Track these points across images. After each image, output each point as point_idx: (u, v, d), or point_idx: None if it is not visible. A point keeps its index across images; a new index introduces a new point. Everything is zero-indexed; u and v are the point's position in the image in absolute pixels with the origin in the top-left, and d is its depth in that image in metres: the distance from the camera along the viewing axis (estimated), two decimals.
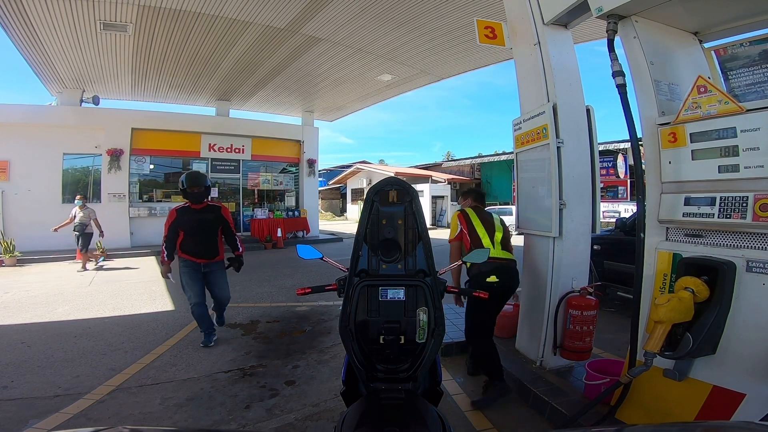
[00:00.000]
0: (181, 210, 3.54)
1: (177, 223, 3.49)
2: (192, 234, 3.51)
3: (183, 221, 3.50)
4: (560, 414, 2.29)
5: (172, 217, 3.51)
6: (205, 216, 3.56)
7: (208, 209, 3.61)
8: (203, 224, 3.55)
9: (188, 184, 3.49)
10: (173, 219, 3.49)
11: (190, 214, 3.51)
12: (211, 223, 3.60)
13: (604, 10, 2.06)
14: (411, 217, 1.35)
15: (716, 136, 1.76)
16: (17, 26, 6.80)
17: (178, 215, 3.51)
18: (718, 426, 0.53)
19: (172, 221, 3.49)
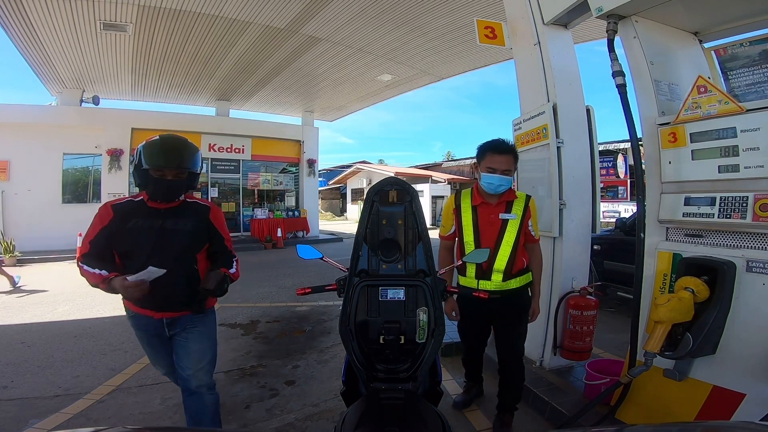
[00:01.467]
0: (124, 209, 1.69)
1: (110, 233, 1.65)
2: (142, 258, 1.60)
3: (125, 232, 1.65)
4: (560, 414, 2.29)
5: (103, 219, 1.67)
6: (178, 224, 1.71)
7: (184, 211, 1.75)
8: (170, 240, 1.68)
9: (157, 159, 1.64)
10: (104, 224, 1.66)
11: (145, 218, 1.68)
12: (187, 237, 1.72)
13: (604, 10, 2.06)
14: (411, 217, 1.35)
15: (716, 136, 1.76)
16: (17, 26, 6.80)
17: (115, 217, 1.67)
18: (718, 426, 0.53)
19: (101, 228, 1.67)
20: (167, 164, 1.62)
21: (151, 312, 1.71)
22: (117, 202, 1.71)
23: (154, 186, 1.65)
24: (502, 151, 2.00)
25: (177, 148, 1.68)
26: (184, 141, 1.72)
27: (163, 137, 1.69)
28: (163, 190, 1.66)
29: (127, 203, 1.72)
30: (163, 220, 1.68)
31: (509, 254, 2.02)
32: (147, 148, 1.64)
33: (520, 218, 2.03)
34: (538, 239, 2.16)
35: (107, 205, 1.70)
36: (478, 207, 2.09)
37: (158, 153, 1.63)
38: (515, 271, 2.06)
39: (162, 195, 1.67)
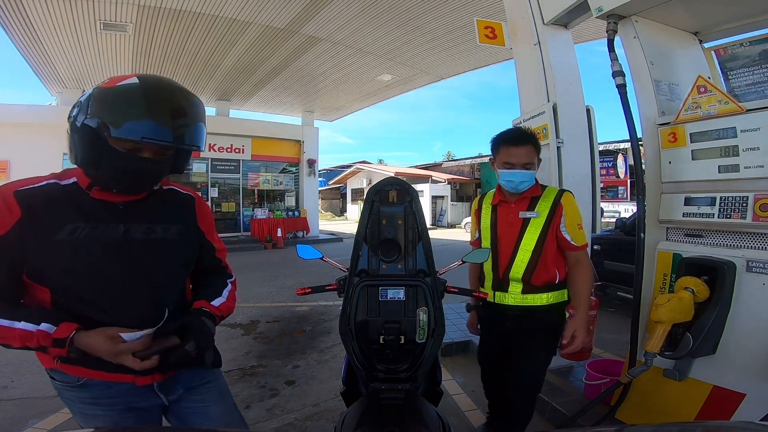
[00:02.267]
0: (43, 201, 0.91)
1: (16, 249, 0.88)
2: (99, 296, 0.92)
3: (51, 248, 0.89)
4: (560, 414, 2.29)
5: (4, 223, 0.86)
6: (154, 230, 1.01)
7: (160, 207, 1.04)
8: (145, 259, 0.98)
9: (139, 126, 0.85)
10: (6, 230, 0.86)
11: (89, 221, 0.93)
12: (173, 252, 1.04)
13: (604, 10, 2.06)
14: (411, 217, 1.35)
15: (716, 136, 1.76)
16: (17, 26, 6.81)
17: (24, 217, 0.88)
18: (718, 426, 0.53)
19: None
20: (161, 137, 0.85)
21: (127, 376, 0.95)
22: (23, 188, 0.89)
23: (118, 169, 0.89)
24: (520, 142, 1.68)
25: (179, 106, 0.89)
26: (185, 92, 0.93)
27: (148, 81, 0.89)
28: (134, 176, 0.91)
29: (45, 190, 0.91)
30: (125, 225, 0.95)
31: (528, 260, 1.68)
32: (113, 97, 0.85)
33: (545, 216, 1.69)
34: (579, 246, 1.70)
35: (8, 191, 0.88)
36: (498, 206, 1.80)
37: (142, 112, 0.84)
38: (541, 283, 1.70)
39: (132, 184, 0.93)
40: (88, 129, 0.87)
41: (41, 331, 0.84)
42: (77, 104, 0.90)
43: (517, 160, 1.66)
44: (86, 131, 0.87)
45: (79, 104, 0.90)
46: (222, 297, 1.13)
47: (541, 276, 1.69)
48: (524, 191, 1.72)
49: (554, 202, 1.70)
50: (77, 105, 0.90)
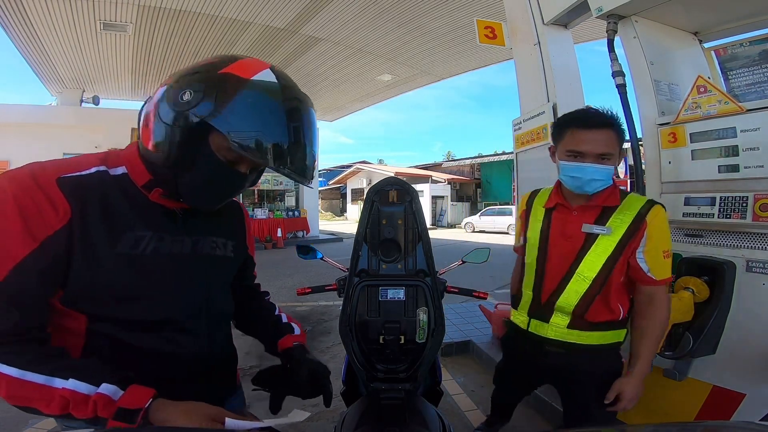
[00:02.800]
0: (98, 197, 0.67)
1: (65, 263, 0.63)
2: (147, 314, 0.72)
3: (112, 259, 0.67)
4: (560, 414, 2.29)
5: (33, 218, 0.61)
6: (216, 244, 0.85)
7: (221, 216, 0.88)
8: (207, 280, 0.81)
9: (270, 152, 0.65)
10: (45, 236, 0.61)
11: (149, 229, 0.72)
12: (229, 269, 0.92)
13: (604, 10, 2.06)
14: (411, 217, 1.35)
15: (716, 136, 1.76)
16: (17, 26, 6.81)
17: (76, 218, 0.64)
18: (718, 426, 0.52)
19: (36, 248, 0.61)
20: (291, 166, 0.68)
21: None
22: (69, 174, 0.67)
23: (211, 180, 0.71)
24: (595, 125, 1.22)
25: (312, 129, 0.72)
26: (312, 109, 0.74)
27: (288, 83, 0.70)
28: (223, 190, 0.76)
29: (96, 180, 0.69)
30: (191, 237, 0.79)
31: (585, 291, 1.27)
32: (248, 96, 0.65)
33: (619, 236, 1.24)
34: (659, 281, 1.28)
35: (48, 178, 0.64)
36: (553, 211, 1.37)
37: (280, 129, 0.66)
38: (597, 320, 1.29)
39: (214, 199, 0.77)
40: (198, 124, 0.64)
41: (102, 396, 0.57)
42: (194, 87, 0.64)
43: (590, 148, 1.21)
44: (193, 125, 0.64)
45: (199, 89, 0.64)
46: (293, 324, 1.07)
47: (600, 312, 1.29)
48: (594, 195, 1.27)
49: (637, 217, 1.24)
50: (194, 89, 0.64)
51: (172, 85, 0.67)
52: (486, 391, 2.77)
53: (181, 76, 0.68)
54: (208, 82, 0.65)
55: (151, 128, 0.69)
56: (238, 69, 0.67)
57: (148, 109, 0.71)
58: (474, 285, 1.68)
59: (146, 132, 0.70)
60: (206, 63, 0.70)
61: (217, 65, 0.68)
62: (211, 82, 0.65)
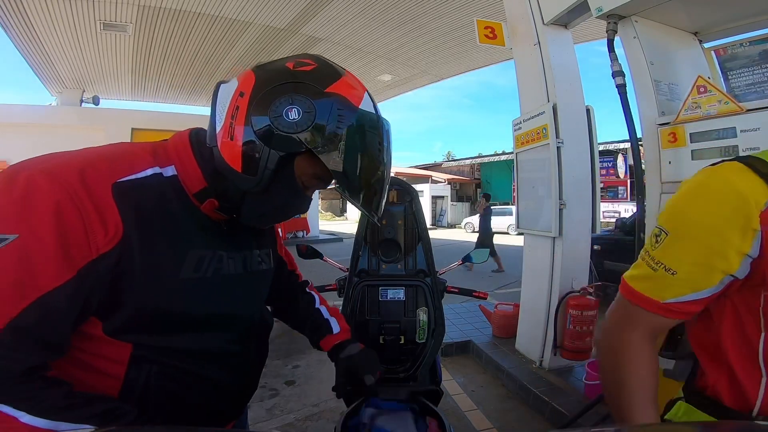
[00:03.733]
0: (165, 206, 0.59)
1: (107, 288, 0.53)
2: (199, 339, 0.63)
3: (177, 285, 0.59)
4: (560, 414, 2.29)
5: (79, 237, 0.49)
6: (261, 258, 0.77)
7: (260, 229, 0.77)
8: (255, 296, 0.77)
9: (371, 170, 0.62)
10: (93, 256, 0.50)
11: (215, 247, 0.65)
12: (268, 282, 0.83)
13: (604, 10, 2.06)
14: (411, 217, 1.35)
15: (716, 136, 1.76)
16: (17, 26, 6.81)
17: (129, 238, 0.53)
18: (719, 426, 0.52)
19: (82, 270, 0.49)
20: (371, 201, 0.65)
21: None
22: (126, 179, 0.55)
23: (285, 204, 0.66)
24: None
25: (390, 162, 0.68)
26: None
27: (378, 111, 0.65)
28: (288, 213, 0.69)
29: (153, 185, 0.59)
30: (241, 253, 0.71)
31: None
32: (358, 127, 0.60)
33: None
34: None
35: (102, 183, 0.52)
36: None
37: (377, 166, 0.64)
38: None
39: (271, 221, 0.73)
40: (305, 152, 0.57)
41: None
42: (293, 100, 0.56)
43: None
44: (296, 151, 0.57)
45: (300, 104, 0.56)
46: (334, 318, 1.00)
47: None
48: None
49: None
50: (293, 102, 0.56)
51: (268, 93, 0.56)
52: (486, 391, 2.77)
53: (280, 84, 0.57)
54: (317, 103, 0.56)
55: (238, 143, 0.57)
56: (346, 90, 0.59)
57: (231, 111, 0.58)
58: (474, 285, 1.68)
59: (231, 148, 0.57)
60: (307, 71, 0.60)
61: (321, 78, 0.59)
62: (321, 105, 0.56)
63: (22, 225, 0.46)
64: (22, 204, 0.46)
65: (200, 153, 0.62)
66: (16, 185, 0.47)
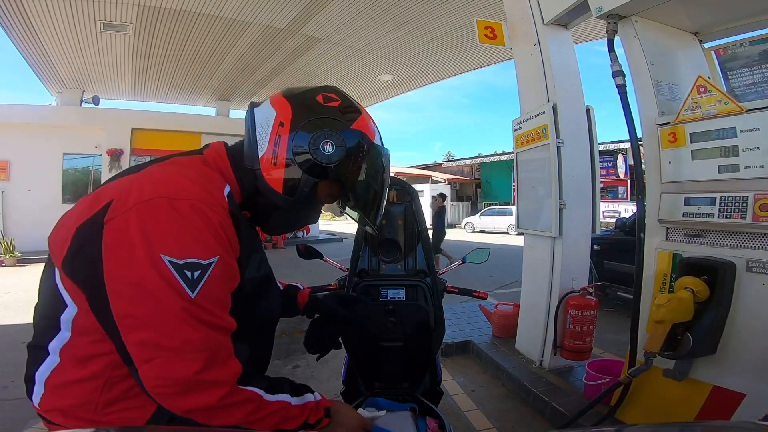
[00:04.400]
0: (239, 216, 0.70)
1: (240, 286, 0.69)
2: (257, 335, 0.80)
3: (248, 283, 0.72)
4: (560, 414, 2.29)
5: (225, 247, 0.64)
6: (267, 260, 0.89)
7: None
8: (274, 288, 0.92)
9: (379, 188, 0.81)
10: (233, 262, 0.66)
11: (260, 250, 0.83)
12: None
13: (604, 10, 2.06)
14: (411, 217, 1.35)
15: (716, 136, 1.76)
16: (17, 26, 6.81)
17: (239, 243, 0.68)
18: (718, 426, 0.52)
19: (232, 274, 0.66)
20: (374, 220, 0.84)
21: None
22: (228, 206, 0.68)
23: (305, 217, 0.82)
24: None
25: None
26: None
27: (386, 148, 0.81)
28: (302, 225, 0.85)
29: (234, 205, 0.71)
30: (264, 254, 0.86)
31: None
32: (375, 156, 0.76)
33: None
34: None
35: (223, 204, 0.67)
36: None
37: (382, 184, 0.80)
38: None
39: (286, 230, 0.88)
40: (335, 179, 0.74)
41: (314, 403, 0.71)
42: (327, 135, 0.70)
43: None
44: (327, 178, 0.73)
45: (333, 139, 0.70)
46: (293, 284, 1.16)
47: None
48: None
49: None
50: (327, 136, 0.70)
51: (306, 125, 0.70)
52: (486, 391, 2.77)
53: (317, 118, 0.71)
54: (347, 139, 0.72)
55: (281, 170, 0.71)
56: (365, 127, 0.75)
57: (267, 133, 0.72)
58: (474, 285, 1.68)
59: (276, 173, 0.71)
60: (335, 107, 0.74)
61: (346, 114, 0.74)
62: (350, 140, 0.72)
63: (218, 248, 0.62)
64: (214, 231, 0.62)
65: (238, 172, 0.75)
66: (192, 215, 0.60)
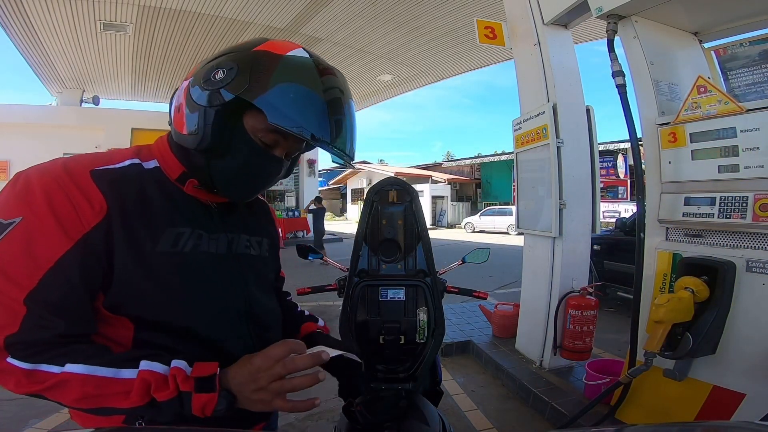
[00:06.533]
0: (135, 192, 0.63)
1: (105, 262, 0.58)
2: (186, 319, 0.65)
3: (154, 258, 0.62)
4: (560, 414, 2.29)
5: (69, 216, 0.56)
6: (250, 242, 0.79)
7: (248, 211, 0.84)
8: (247, 281, 0.75)
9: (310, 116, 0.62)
10: (82, 233, 0.56)
11: (196, 226, 0.68)
12: (267, 270, 0.87)
13: (604, 10, 2.06)
14: (411, 217, 1.35)
15: (716, 136, 1.76)
16: (17, 26, 6.81)
17: (112, 215, 0.58)
18: (718, 426, 0.52)
19: (74, 245, 0.55)
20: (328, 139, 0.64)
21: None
22: (103, 167, 0.62)
23: (246, 167, 0.68)
24: None
25: (347, 99, 0.68)
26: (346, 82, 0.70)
27: (319, 60, 0.67)
28: (259, 178, 0.71)
29: (131, 173, 0.65)
30: (227, 235, 0.74)
31: None
32: (284, 71, 0.62)
33: None
34: None
35: (81, 170, 0.60)
36: None
37: (318, 102, 0.63)
38: None
39: (248, 188, 0.72)
40: (233, 105, 0.62)
41: (179, 370, 0.55)
42: (226, 65, 0.62)
43: None
44: (231, 107, 0.62)
45: (231, 68, 0.62)
46: (316, 317, 1.02)
47: None
48: None
49: None
50: (226, 67, 0.62)
51: (202, 68, 0.66)
52: (486, 391, 2.77)
53: (211, 59, 0.66)
54: (241, 59, 0.62)
55: (183, 112, 0.65)
56: (271, 47, 0.64)
57: (179, 96, 0.69)
58: (474, 285, 1.68)
59: (178, 117, 0.67)
60: (235, 45, 0.68)
61: (248, 45, 0.66)
62: (245, 59, 0.62)
63: (23, 209, 0.55)
64: (21, 194, 0.56)
65: (176, 144, 0.70)
66: (17, 183, 0.57)
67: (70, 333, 0.55)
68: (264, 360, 0.58)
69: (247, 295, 0.74)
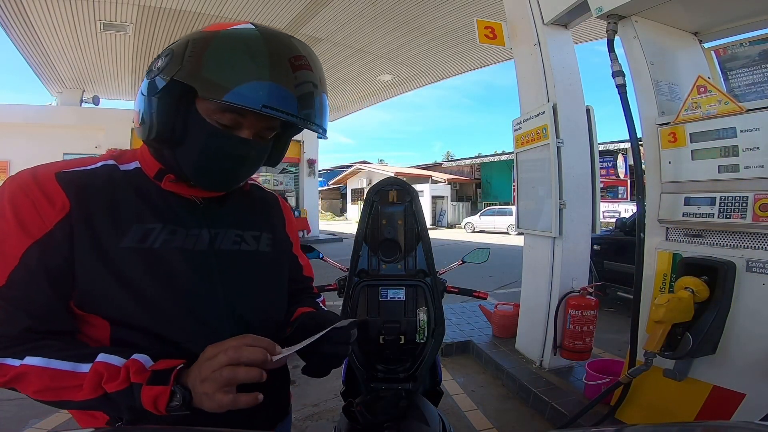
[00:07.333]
0: (99, 192, 0.62)
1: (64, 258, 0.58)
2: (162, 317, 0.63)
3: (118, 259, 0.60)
4: (560, 414, 2.29)
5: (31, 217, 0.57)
6: (243, 239, 0.75)
7: (250, 208, 0.80)
8: (239, 278, 0.71)
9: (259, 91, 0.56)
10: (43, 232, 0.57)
11: (170, 222, 0.66)
12: (269, 267, 0.79)
13: (604, 10, 2.06)
14: (411, 217, 1.35)
15: (716, 136, 1.76)
16: (17, 26, 6.81)
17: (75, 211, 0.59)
18: (718, 426, 0.53)
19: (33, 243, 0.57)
20: (286, 107, 0.58)
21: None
22: (69, 170, 0.63)
23: (207, 152, 0.64)
24: None
25: (306, 66, 0.62)
26: (309, 49, 0.65)
27: (267, 30, 0.62)
28: (227, 162, 0.66)
29: (101, 174, 0.65)
30: (210, 230, 0.70)
31: None
32: (224, 45, 0.59)
33: None
34: None
35: (47, 173, 0.61)
36: None
37: (264, 69, 0.58)
38: None
39: (220, 175, 0.68)
40: (178, 90, 0.59)
41: (134, 362, 0.55)
42: (165, 53, 0.62)
43: None
44: (174, 93, 0.60)
45: (168, 53, 0.61)
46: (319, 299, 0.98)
47: None
48: None
49: None
50: (165, 54, 0.61)
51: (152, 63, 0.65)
52: (486, 391, 2.77)
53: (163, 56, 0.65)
54: (178, 44, 0.61)
55: (138, 108, 0.65)
56: (214, 27, 0.62)
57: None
58: (474, 285, 1.68)
59: (135, 114, 0.67)
60: None
61: (199, 30, 0.63)
62: (182, 43, 0.61)
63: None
64: None
65: (138, 132, 0.69)
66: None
67: (37, 328, 0.57)
68: (213, 349, 0.56)
69: (230, 294, 0.69)
